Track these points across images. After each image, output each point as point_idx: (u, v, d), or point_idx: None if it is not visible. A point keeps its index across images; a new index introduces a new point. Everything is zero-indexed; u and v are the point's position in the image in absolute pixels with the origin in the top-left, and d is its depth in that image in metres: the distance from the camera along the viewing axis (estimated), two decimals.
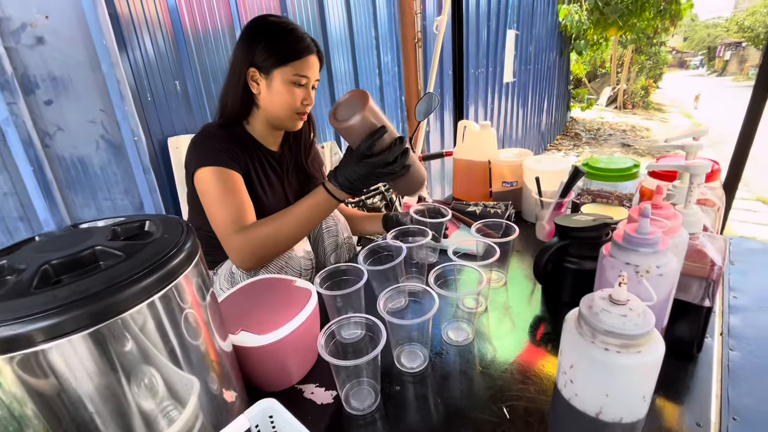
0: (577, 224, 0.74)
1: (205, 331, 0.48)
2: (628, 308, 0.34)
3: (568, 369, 0.38)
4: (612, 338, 0.34)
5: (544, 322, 0.77)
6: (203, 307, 0.48)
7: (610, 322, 0.34)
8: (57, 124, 1.18)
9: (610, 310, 0.34)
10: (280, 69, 0.85)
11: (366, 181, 0.76)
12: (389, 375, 0.66)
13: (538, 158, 1.16)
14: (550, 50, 6.62)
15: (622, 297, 0.34)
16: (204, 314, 0.48)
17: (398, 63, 2.91)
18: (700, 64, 34.27)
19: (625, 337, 0.33)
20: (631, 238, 0.46)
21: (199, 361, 0.47)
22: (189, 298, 0.45)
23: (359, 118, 0.70)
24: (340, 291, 0.69)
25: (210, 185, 0.83)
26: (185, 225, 0.47)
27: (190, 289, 0.45)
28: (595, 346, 0.35)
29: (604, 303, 0.35)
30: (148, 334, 0.41)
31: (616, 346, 0.34)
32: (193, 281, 0.45)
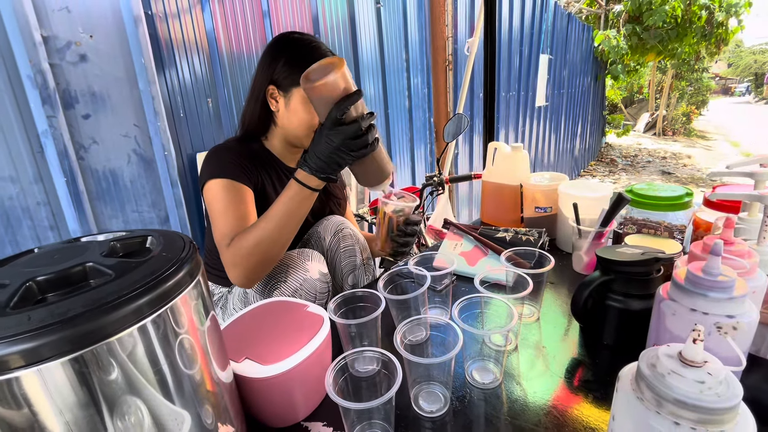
0: (622, 257, 0.66)
1: (202, 359, 0.44)
2: (705, 372, 0.27)
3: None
4: (685, 410, 0.26)
5: (583, 366, 0.68)
6: (201, 333, 0.44)
7: (683, 389, 0.27)
8: (93, 138, 1.21)
9: (681, 373, 0.27)
10: (299, 88, 0.83)
11: (337, 156, 0.70)
12: (405, 418, 0.59)
13: (574, 183, 1.08)
14: (584, 75, 6.50)
15: (698, 357, 0.27)
16: (202, 340, 0.44)
17: (428, 85, 2.91)
18: (747, 91, 32.74)
19: (704, 411, 0.26)
20: (698, 279, 0.38)
21: (193, 393, 0.43)
22: (185, 322, 0.41)
23: (336, 75, 0.66)
24: (355, 320, 0.64)
25: (216, 197, 0.81)
26: (188, 242, 0.44)
27: (187, 312, 0.41)
28: (661, 418, 0.28)
29: (672, 363, 0.28)
30: (137, 362, 0.37)
31: (691, 421, 0.26)
32: (192, 304, 0.41)
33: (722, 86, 30.59)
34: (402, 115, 2.74)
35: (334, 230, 0.93)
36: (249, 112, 0.90)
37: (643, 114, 12.18)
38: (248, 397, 0.56)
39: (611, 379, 0.66)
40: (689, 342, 0.27)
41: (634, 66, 7.94)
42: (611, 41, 6.60)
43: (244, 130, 0.92)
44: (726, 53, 22.76)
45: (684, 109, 11.76)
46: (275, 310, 0.67)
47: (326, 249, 0.94)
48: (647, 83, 11.72)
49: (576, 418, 0.57)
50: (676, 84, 11.48)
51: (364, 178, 0.79)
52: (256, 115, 0.89)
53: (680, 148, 9.71)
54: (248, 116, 0.90)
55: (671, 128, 11.51)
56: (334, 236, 0.93)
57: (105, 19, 1.21)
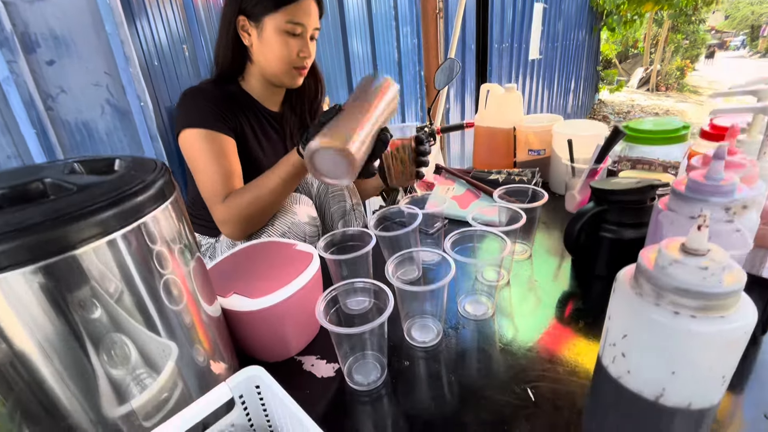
0: (617, 187, 0.65)
1: (183, 285, 0.42)
2: (709, 259, 0.25)
3: (620, 340, 0.30)
4: (687, 298, 0.25)
5: (574, 297, 0.69)
6: (180, 257, 0.42)
7: (685, 277, 0.26)
8: (60, 86, 1.13)
9: (683, 262, 0.26)
10: (272, 16, 0.77)
11: None
12: (398, 349, 0.60)
13: (568, 123, 1.05)
14: (579, 28, 6.27)
15: (702, 245, 0.26)
16: (182, 265, 0.42)
17: (418, 36, 2.77)
18: (742, 45, 32.14)
19: (706, 297, 0.25)
20: (699, 185, 0.37)
21: (177, 321, 0.41)
22: (160, 243, 0.38)
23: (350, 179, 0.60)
24: (345, 255, 0.62)
25: (195, 149, 0.77)
26: (161, 165, 0.41)
27: (160, 234, 0.38)
28: (660, 309, 0.27)
29: (673, 254, 0.27)
30: (109, 281, 0.35)
31: (692, 309, 0.25)
32: (166, 226, 0.39)
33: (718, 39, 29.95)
34: (391, 68, 2.63)
35: None
36: (221, 49, 0.83)
37: (637, 69, 11.95)
38: (239, 332, 0.55)
39: (603, 308, 0.67)
40: (693, 229, 0.26)
41: (631, 17, 7.66)
42: None
43: (218, 70, 0.85)
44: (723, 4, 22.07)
45: (678, 63, 11.55)
46: (263, 250, 0.65)
47: (314, 195, 0.91)
48: (642, 37, 11.39)
49: (567, 342, 0.58)
50: (671, 37, 11.18)
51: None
52: (229, 53, 0.82)
53: (673, 103, 9.62)
54: (221, 54, 0.83)
55: (665, 83, 11.34)
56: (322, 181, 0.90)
57: None
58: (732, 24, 34.78)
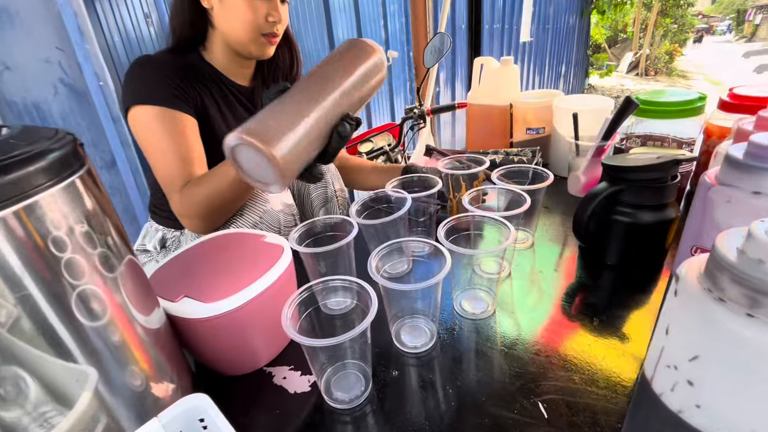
0: (635, 163, 0.56)
1: (105, 295, 0.33)
2: None
3: (685, 362, 0.21)
4: None
5: (584, 290, 0.61)
6: (102, 260, 0.32)
7: None
8: (3, 62, 1.01)
9: None
10: None
11: None
12: (386, 357, 0.51)
13: (569, 98, 0.96)
14: (569, 12, 6.16)
15: None
16: (103, 269, 0.32)
17: (405, 14, 2.64)
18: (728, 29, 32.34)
19: None
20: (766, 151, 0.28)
21: (96, 341, 0.32)
22: (60, 234, 0.29)
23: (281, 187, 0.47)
24: (321, 248, 0.53)
25: (147, 130, 0.66)
26: (64, 135, 0.31)
27: (64, 221, 0.29)
28: (756, 323, 0.18)
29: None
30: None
31: None
32: (70, 212, 0.29)
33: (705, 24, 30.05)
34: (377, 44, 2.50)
35: None
36: (177, 14, 0.71)
37: (627, 53, 11.90)
38: (192, 343, 0.46)
39: (617, 302, 0.59)
40: None
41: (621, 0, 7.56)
42: None
43: (176, 38, 0.74)
44: None
45: (667, 47, 11.52)
46: (226, 243, 0.56)
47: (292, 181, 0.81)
48: (632, 21, 11.31)
49: (580, 344, 0.50)
50: (660, 21, 11.12)
51: None
52: (186, 17, 0.70)
53: (662, 88, 9.61)
54: (177, 20, 0.72)
55: (654, 68, 11.33)
56: None
57: None
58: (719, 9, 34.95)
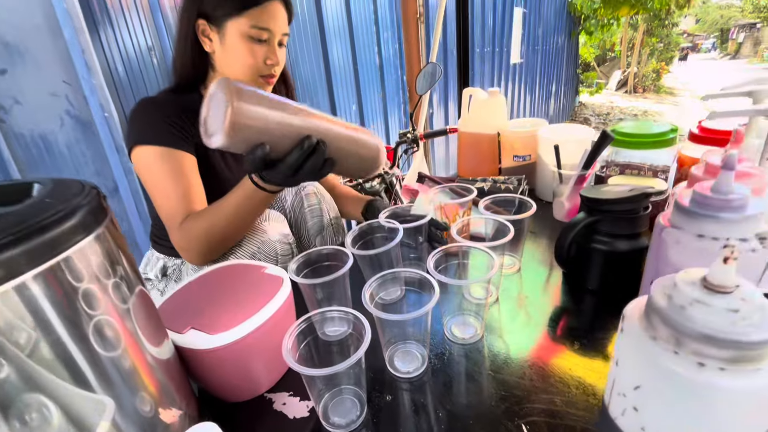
0: (609, 195, 0.61)
1: (122, 329, 0.36)
2: (739, 299, 0.21)
3: (631, 391, 0.25)
4: (712, 347, 0.21)
5: (567, 314, 0.64)
6: (117, 296, 0.36)
7: (710, 321, 0.21)
8: (13, 97, 1.05)
9: (708, 302, 0.21)
10: (235, 20, 0.70)
11: (291, 182, 0.59)
12: (379, 382, 0.54)
13: (553, 127, 1.02)
14: (558, 32, 6.37)
15: (729, 281, 0.21)
16: (120, 306, 0.36)
17: (399, 41, 2.75)
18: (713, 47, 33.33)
19: (737, 346, 0.20)
20: (707, 199, 0.33)
21: (113, 371, 0.35)
22: (88, 282, 0.32)
23: (222, 139, 0.49)
24: (319, 279, 0.56)
25: (150, 169, 0.70)
26: (89, 188, 0.35)
27: (88, 269, 0.32)
28: (681, 359, 0.22)
29: (694, 290, 0.22)
30: (19, 332, 0.29)
31: (720, 360, 0.21)
32: (95, 260, 0.33)
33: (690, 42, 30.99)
34: (372, 73, 2.59)
35: (295, 189, 0.84)
36: (179, 55, 0.76)
37: (615, 71, 12.22)
38: (198, 371, 0.49)
39: (598, 326, 0.63)
40: (718, 262, 0.21)
41: (608, 21, 7.84)
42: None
43: (177, 78, 0.79)
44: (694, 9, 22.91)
45: (654, 65, 11.86)
46: (228, 275, 0.59)
47: (288, 210, 0.85)
48: (619, 40, 11.67)
49: (562, 367, 0.53)
50: (647, 40, 11.48)
51: (348, 173, 0.68)
52: (189, 60, 0.75)
53: (650, 105, 9.85)
54: (179, 61, 0.77)
55: (642, 85, 11.63)
56: (296, 195, 0.84)
57: None
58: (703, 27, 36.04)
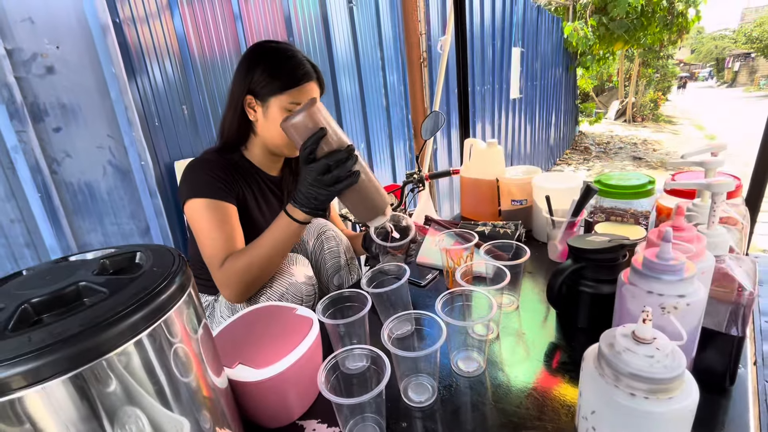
0: (591, 245, 0.71)
1: (197, 367, 0.46)
2: (654, 348, 0.30)
3: (590, 414, 0.34)
4: (638, 382, 0.30)
5: (560, 349, 0.73)
6: (195, 341, 0.45)
7: (636, 363, 0.30)
8: (65, 151, 1.19)
9: (634, 350, 0.31)
10: (277, 97, 0.84)
11: (314, 191, 0.74)
12: (395, 410, 0.62)
13: (546, 176, 1.13)
14: (556, 66, 6.65)
15: (647, 335, 0.31)
16: (196, 349, 0.46)
17: (404, 82, 2.94)
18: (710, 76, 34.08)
19: (654, 382, 0.30)
20: (653, 264, 0.42)
21: (191, 400, 0.45)
22: (179, 333, 0.42)
23: (304, 115, 0.71)
24: (343, 320, 0.66)
25: (199, 218, 0.82)
26: (177, 256, 0.45)
27: (180, 323, 0.42)
28: (619, 391, 0.31)
29: (627, 341, 0.32)
30: (135, 374, 0.38)
31: (644, 392, 0.30)
32: (184, 315, 0.43)
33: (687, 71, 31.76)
34: (380, 113, 2.76)
35: (316, 233, 0.95)
36: (227, 122, 0.90)
37: (614, 101, 12.55)
38: (243, 400, 0.58)
39: None
40: (640, 322, 0.31)
41: (603, 55, 8.17)
42: (579, 32, 6.77)
43: (223, 140, 0.92)
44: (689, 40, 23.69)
45: (652, 95, 12.18)
46: (264, 315, 0.69)
47: (310, 252, 0.95)
48: (616, 72, 12.09)
49: (554, 397, 0.61)
50: (643, 71, 11.87)
51: (355, 212, 0.82)
52: (235, 126, 0.89)
53: (649, 133, 10.06)
54: (227, 127, 0.90)
55: (640, 114, 11.91)
56: (317, 239, 0.95)
57: (71, 28, 1.18)
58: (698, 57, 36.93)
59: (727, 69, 30.03)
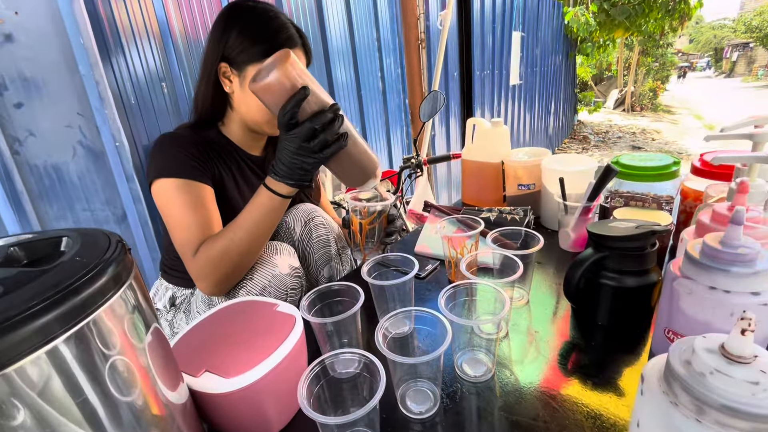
0: (615, 232, 0.62)
1: (143, 381, 0.36)
2: (758, 370, 0.22)
3: None
4: (735, 419, 0.21)
5: (578, 350, 0.64)
6: (141, 350, 0.36)
7: (732, 392, 0.22)
8: (28, 129, 1.08)
9: (727, 372, 0.22)
10: (255, 65, 0.73)
11: (299, 161, 0.63)
12: (392, 422, 0.54)
13: (557, 158, 1.03)
14: (556, 53, 6.51)
15: (747, 351, 0.22)
16: (142, 359, 0.36)
17: (401, 65, 2.81)
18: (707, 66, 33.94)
19: (760, 419, 0.21)
20: (717, 252, 0.33)
21: (135, 423, 0.35)
22: (117, 339, 0.33)
23: (278, 74, 0.59)
24: (332, 318, 0.57)
25: (169, 200, 0.72)
26: (115, 242, 0.36)
27: (117, 327, 0.33)
28: (703, 428, 0.22)
29: (713, 359, 0.23)
30: (52, 395, 0.29)
31: (743, 431, 0.21)
32: (123, 317, 0.34)
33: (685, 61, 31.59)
34: (376, 97, 2.64)
35: (304, 220, 0.85)
36: (201, 94, 0.79)
37: (613, 90, 12.43)
38: (211, 414, 0.49)
39: (609, 362, 0.63)
40: (735, 333, 0.22)
41: (603, 42, 8.02)
42: (580, 18, 6.62)
43: (197, 115, 0.81)
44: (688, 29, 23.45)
45: (650, 84, 12.07)
46: (240, 312, 0.59)
47: (297, 241, 0.86)
48: (615, 60, 11.92)
49: (575, 407, 0.53)
50: (642, 60, 11.72)
51: (344, 177, 0.72)
52: (209, 99, 0.78)
53: (648, 123, 9.97)
54: (200, 99, 0.79)
55: (639, 104, 11.81)
56: (305, 226, 0.85)
57: None
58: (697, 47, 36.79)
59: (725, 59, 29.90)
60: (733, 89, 17.22)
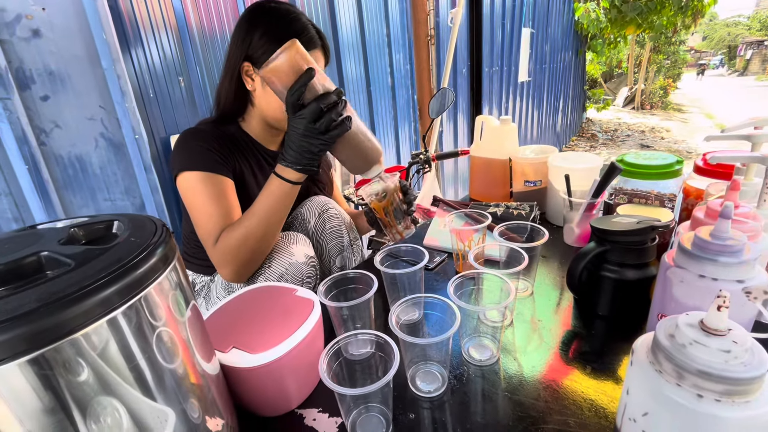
0: (617, 227, 0.65)
1: (184, 351, 0.41)
2: (730, 341, 0.25)
3: (640, 417, 0.29)
4: (710, 382, 0.25)
5: (579, 338, 0.68)
6: (181, 323, 0.40)
7: (707, 359, 0.25)
8: (54, 121, 1.12)
9: (704, 343, 0.25)
10: None
11: (306, 143, 0.67)
12: (402, 400, 0.58)
13: (564, 155, 1.06)
14: (565, 50, 6.47)
15: (722, 325, 0.25)
16: (182, 331, 0.40)
17: (410, 61, 2.83)
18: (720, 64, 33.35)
19: (730, 381, 0.24)
20: (706, 244, 0.37)
21: (177, 388, 0.40)
22: (162, 312, 0.37)
23: (283, 59, 0.63)
24: (347, 303, 0.61)
25: (193, 192, 0.76)
26: (161, 226, 0.40)
27: (163, 301, 0.37)
28: (682, 391, 0.26)
29: (693, 332, 0.26)
30: (110, 359, 0.33)
31: (716, 393, 0.25)
32: (168, 292, 0.38)
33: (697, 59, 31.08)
34: (385, 93, 2.66)
35: (318, 211, 0.89)
36: (223, 91, 0.83)
37: (622, 88, 12.30)
38: (237, 387, 0.53)
39: (608, 350, 0.66)
40: (713, 309, 0.25)
41: (614, 39, 7.93)
42: (590, 14, 6.55)
43: (219, 111, 0.85)
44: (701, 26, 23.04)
45: (661, 82, 11.92)
46: (262, 296, 0.64)
47: (311, 231, 0.90)
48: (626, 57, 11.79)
49: (575, 390, 0.56)
50: (653, 57, 11.57)
51: (350, 163, 0.75)
52: (231, 95, 0.82)
53: (658, 121, 9.88)
54: (223, 96, 0.83)
55: (649, 102, 11.68)
56: (319, 217, 0.89)
57: None
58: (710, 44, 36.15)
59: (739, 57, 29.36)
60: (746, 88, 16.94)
